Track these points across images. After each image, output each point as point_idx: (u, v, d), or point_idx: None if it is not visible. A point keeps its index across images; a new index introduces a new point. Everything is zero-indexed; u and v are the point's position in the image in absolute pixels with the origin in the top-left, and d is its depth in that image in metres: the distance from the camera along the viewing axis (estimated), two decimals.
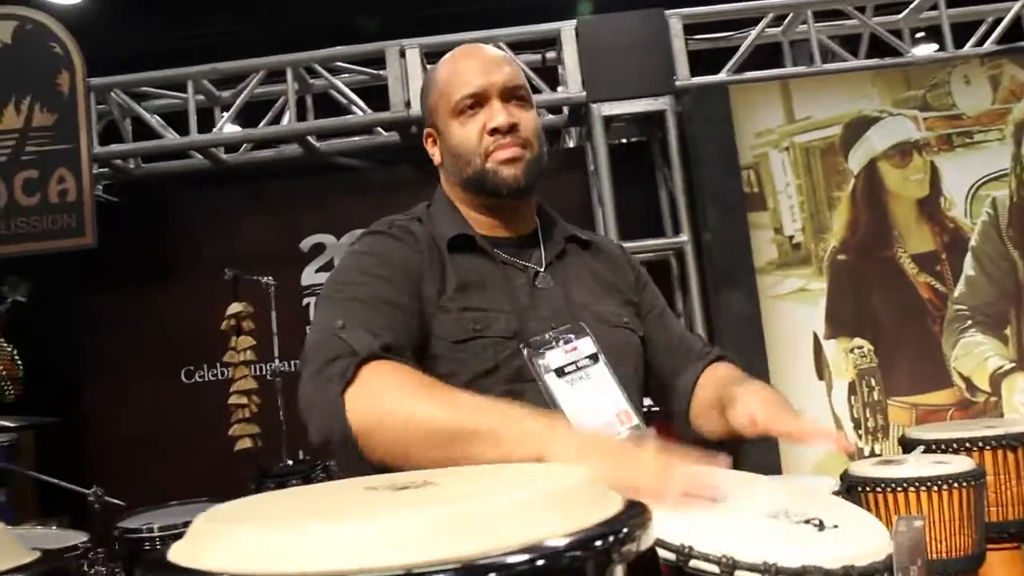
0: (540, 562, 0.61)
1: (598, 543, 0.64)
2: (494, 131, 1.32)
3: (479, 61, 1.37)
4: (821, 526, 0.98)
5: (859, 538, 0.97)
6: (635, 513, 0.73)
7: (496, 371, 1.25)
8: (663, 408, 1.50)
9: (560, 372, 1.29)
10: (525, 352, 1.27)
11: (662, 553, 0.90)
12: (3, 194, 4.00)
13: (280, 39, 4.39)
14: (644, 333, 1.45)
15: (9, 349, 4.21)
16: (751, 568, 0.87)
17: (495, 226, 1.39)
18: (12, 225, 3.99)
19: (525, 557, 0.61)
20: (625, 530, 0.67)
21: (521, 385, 1.25)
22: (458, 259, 1.34)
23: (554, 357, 1.29)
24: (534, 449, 1.00)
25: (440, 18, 4.88)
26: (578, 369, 1.30)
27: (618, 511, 0.73)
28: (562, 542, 0.63)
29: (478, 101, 1.34)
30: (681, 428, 1.43)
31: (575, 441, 1.02)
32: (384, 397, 1.09)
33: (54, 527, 3.12)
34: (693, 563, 0.89)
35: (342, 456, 1.16)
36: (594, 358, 1.31)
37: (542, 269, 1.38)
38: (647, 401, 1.52)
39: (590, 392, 1.29)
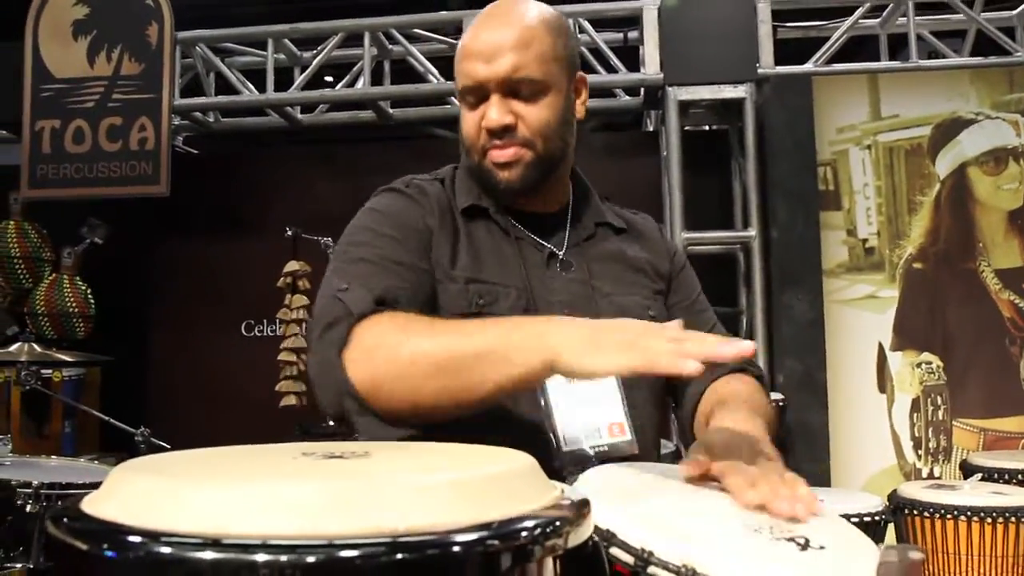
0: (416, 552, 0.56)
1: (494, 539, 0.59)
2: (491, 131, 1.24)
3: (487, 43, 1.24)
4: (805, 545, 0.90)
5: (841, 564, 0.88)
6: (561, 507, 0.68)
7: None
8: (674, 408, 1.42)
9: None
10: None
11: (621, 555, 0.84)
12: (88, 138, 4.16)
13: (362, 3, 4.42)
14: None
15: (83, 288, 4.40)
16: None
17: (517, 199, 1.30)
18: (95, 169, 4.14)
19: (407, 540, 0.57)
20: (530, 525, 0.62)
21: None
22: (472, 228, 1.28)
23: None
24: (541, 354, 0.95)
25: None
26: None
27: (543, 505, 0.68)
28: (439, 532, 0.58)
29: (476, 93, 1.25)
30: (685, 435, 1.35)
31: (583, 333, 0.95)
32: (379, 350, 1.05)
33: (112, 461, 3.26)
34: (651, 569, 0.83)
35: (363, 424, 1.12)
36: None
37: (562, 251, 1.30)
38: None
39: (587, 394, 1.22)
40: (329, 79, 4.59)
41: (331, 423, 3.52)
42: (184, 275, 4.57)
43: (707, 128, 4.34)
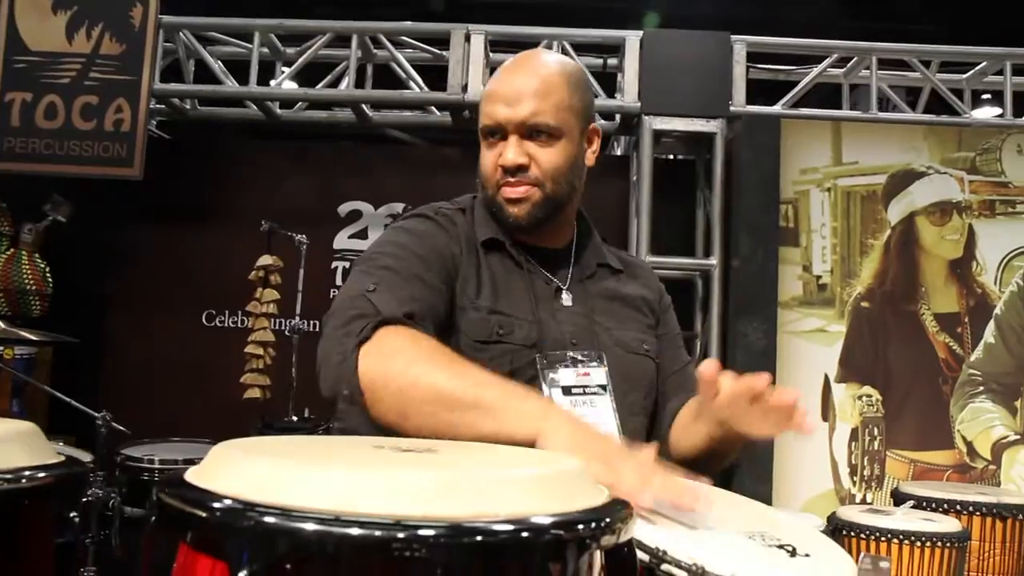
0: (524, 534, 0.67)
1: (580, 527, 0.70)
2: (507, 169, 1.34)
3: (507, 86, 1.35)
4: (793, 552, 1.02)
5: (827, 569, 1.01)
6: (619, 506, 0.78)
7: (512, 377, 1.27)
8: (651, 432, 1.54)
9: (567, 391, 1.32)
10: (540, 362, 1.30)
11: (638, 554, 0.94)
12: (61, 115, 4.11)
13: (345, 3, 4.47)
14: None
15: (42, 265, 4.33)
16: None
17: (532, 234, 1.40)
18: (66, 146, 4.09)
19: (510, 527, 0.67)
20: (607, 520, 0.72)
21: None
22: (491, 260, 1.37)
23: (565, 375, 1.32)
24: (530, 428, 1.04)
25: (503, 6, 4.95)
26: (584, 394, 1.33)
27: (604, 502, 0.79)
28: (546, 520, 0.68)
29: (496, 132, 1.35)
30: (663, 452, 1.47)
31: (569, 429, 1.04)
32: (395, 358, 1.12)
33: (60, 443, 3.21)
34: (665, 567, 0.93)
35: (347, 415, 1.16)
36: (602, 389, 1.35)
37: (565, 287, 1.40)
38: None
39: (587, 418, 1.30)
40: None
41: (294, 418, 3.56)
42: (146, 261, 4.53)
43: (672, 157, 4.52)
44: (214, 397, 4.05)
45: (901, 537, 2.44)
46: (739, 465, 1.37)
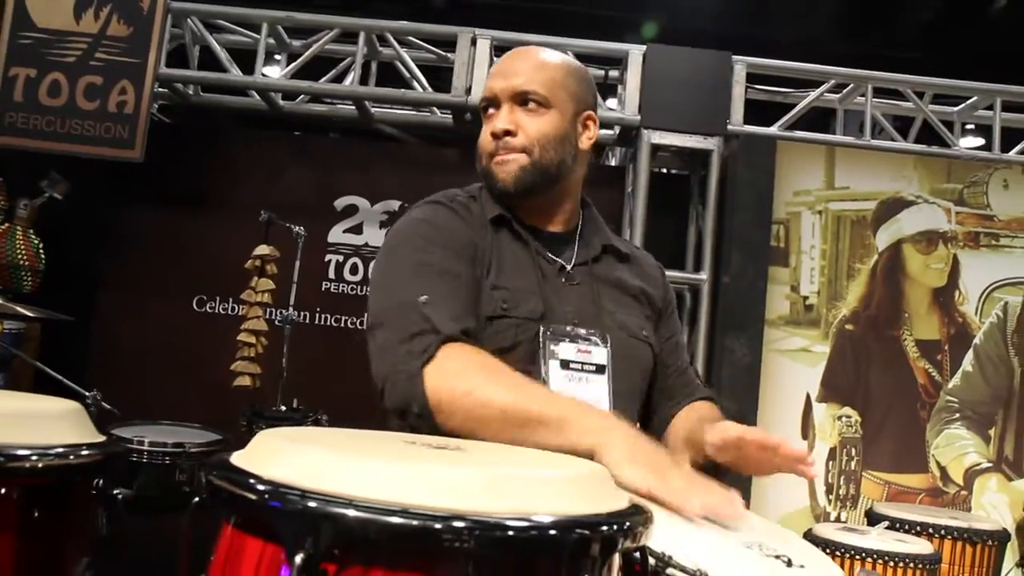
0: (562, 532, 0.72)
1: (612, 527, 0.75)
2: (495, 135, 1.41)
3: (506, 64, 1.45)
4: (789, 563, 1.08)
5: None
6: (640, 511, 0.84)
7: (514, 350, 1.33)
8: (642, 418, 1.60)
9: (565, 364, 1.36)
10: (543, 333, 1.35)
11: None
12: (65, 93, 4.11)
13: (351, 3, 4.51)
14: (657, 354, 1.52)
15: (36, 241, 4.32)
16: None
17: (532, 216, 1.46)
18: (67, 124, 4.09)
19: (550, 525, 0.72)
20: (633, 523, 0.78)
21: (534, 367, 1.32)
22: (499, 239, 1.42)
23: (566, 350, 1.37)
24: (591, 441, 1.11)
25: (505, 8, 5.02)
26: (582, 370, 1.37)
27: (627, 507, 0.84)
28: (582, 520, 0.73)
29: (493, 104, 1.43)
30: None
31: (626, 442, 1.12)
32: (462, 378, 1.19)
33: None
34: (670, 571, 0.99)
35: (419, 427, 1.22)
36: (600, 370, 1.39)
37: (570, 266, 1.45)
38: None
39: (581, 395, 1.35)
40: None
41: (283, 408, 3.58)
42: (140, 243, 4.53)
43: (667, 171, 4.59)
44: (202, 382, 4.06)
45: (875, 556, 2.51)
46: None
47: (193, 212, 4.51)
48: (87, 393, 3.07)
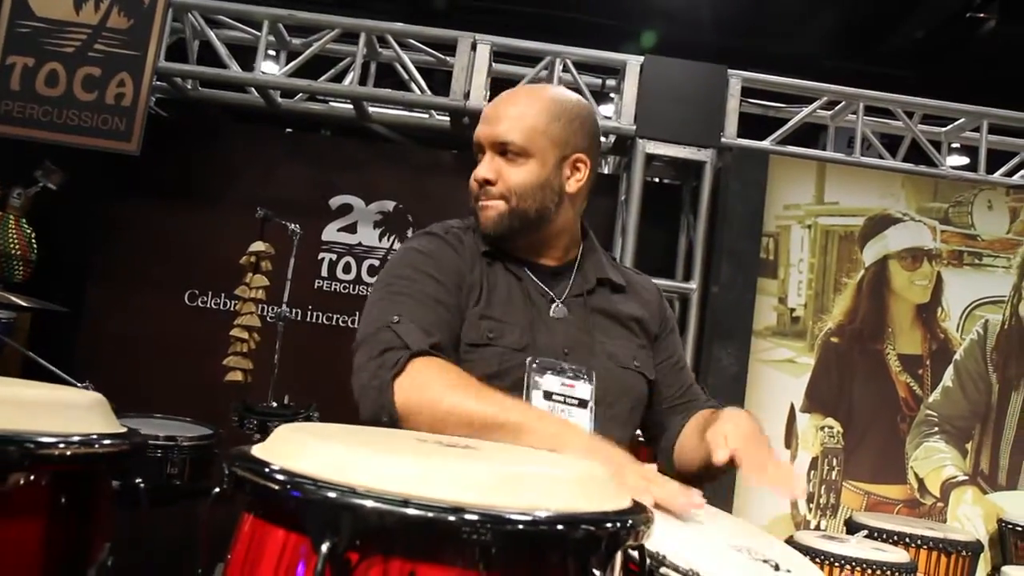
0: (575, 527, 0.76)
1: (622, 523, 0.79)
2: (478, 182, 1.48)
3: (492, 110, 1.50)
4: (777, 568, 1.12)
5: None
6: (642, 510, 0.88)
7: (498, 377, 1.39)
8: (654, 446, 1.65)
9: (548, 395, 1.42)
10: (530, 365, 1.40)
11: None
12: (63, 83, 4.12)
13: (349, 2, 4.52)
14: (656, 378, 1.56)
15: (28, 231, 4.32)
16: None
17: (525, 252, 1.51)
18: (64, 115, 4.10)
19: (558, 516, 0.76)
20: (638, 520, 0.82)
21: (518, 394, 1.38)
22: (492, 271, 1.48)
23: (551, 382, 1.42)
24: (550, 445, 1.17)
25: (505, 12, 5.07)
26: (565, 403, 1.42)
27: (631, 506, 0.88)
28: (593, 516, 0.78)
29: (480, 149, 1.49)
30: (666, 465, 1.58)
31: (583, 446, 1.20)
32: (428, 388, 1.26)
33: None
34: (663, 570, 1.03)
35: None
36: (583, 404, 1.43)
37: (561, 300, 1.49)
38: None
39: (563, 415, 1.40)
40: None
41: (274, 404, 3.60)
42: (133, 235, 4.54)
43: (659, 180, 4.64)
44: (192, 376, 4.07)
45: (853, 564, 2.57)
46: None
47: (187, 207, 4.52)
48: (79, 384, 3.08)
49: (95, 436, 0.91)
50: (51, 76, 4.13)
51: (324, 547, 0.72)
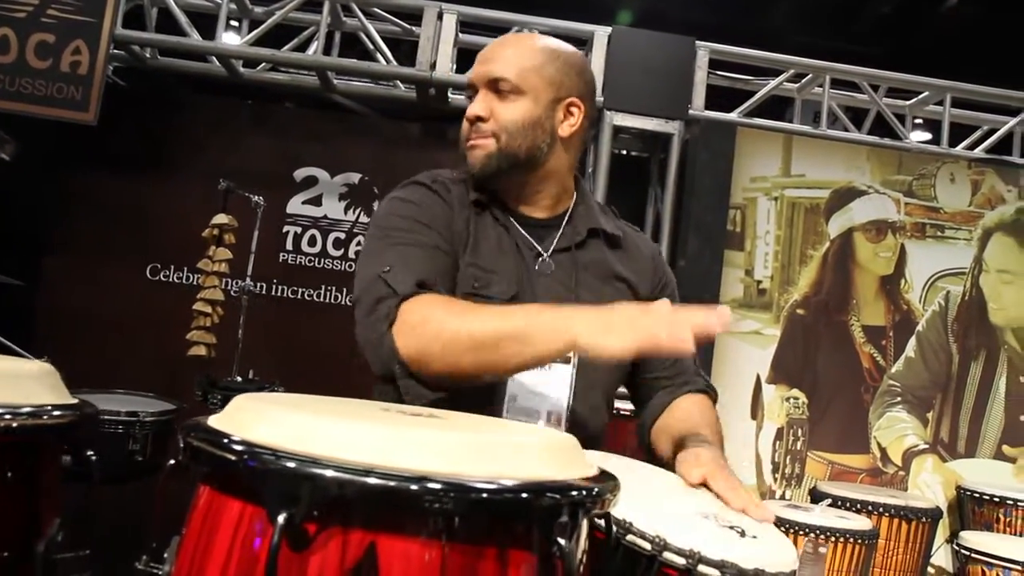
0: (534, 495, 0.75)
1: (590, 491, 0.78)
2: (469, 119, 1.44)
3: (487, 51, 1.47)
4: (743, 534, 1.12)
5: (772, 550, 1.11)
6: (609, 478, 0.87)
7: None
8: (637, 414, 1.62)
9: None
10: None
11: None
12: (14, 50, 3.98)
13: None
14: None
15: None
16: (679, 552, 0.99)
17: (515, 201, 1.48)
18: (17, 83, 3.97)
19: (521, 484, 0.75)
20: (598, 490, 0.81)
21: None
22: (481, 220, 1.45)
23: None
24: (565, 335, 1.15)
25: None
26: None
27: (597, 473, 0.87)
28: (560, 484, 0.76)
29: (473, 89, 1.46)
30: (643, 437, 1.56)
31: (598, 318, 1.14)
32: (424, 326, 1.23)
33: None
34: (630, 537, 1.02)
35: (409, 386, 1.26)
36: (566, 359, 1.39)
37: (548, 254, 1.46)
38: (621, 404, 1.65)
39: (542, 381, 1.39)
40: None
41: (238, 379, 3.56)
42: (92, 207, 4.44)
43: (626, 152, 4.63)
44: (154, 351, 4.01)
45: (818, 532, 2.61)
46: None
47: (147, 178, 4.43)
48: (36, 360, 3.01)
49: (44, 407, 0.88)
50: (2, 42, 3.99)
51: (281, 518, 0.70)
